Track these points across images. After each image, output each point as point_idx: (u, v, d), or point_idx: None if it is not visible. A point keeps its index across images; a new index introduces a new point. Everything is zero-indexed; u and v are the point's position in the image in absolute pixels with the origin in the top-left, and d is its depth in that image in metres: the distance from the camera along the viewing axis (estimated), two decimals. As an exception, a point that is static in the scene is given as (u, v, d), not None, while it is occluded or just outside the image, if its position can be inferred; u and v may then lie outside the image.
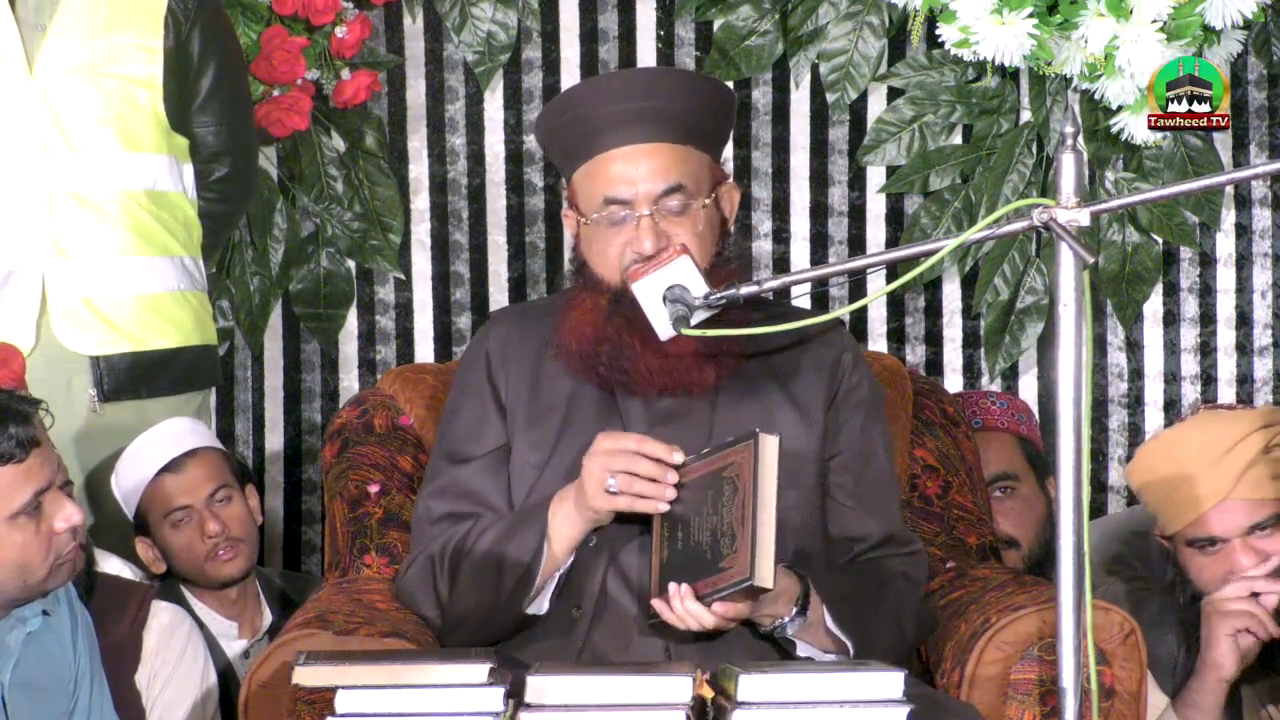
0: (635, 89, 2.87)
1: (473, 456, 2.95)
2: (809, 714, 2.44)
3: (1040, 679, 2.77)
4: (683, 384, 2.86)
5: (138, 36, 3.57)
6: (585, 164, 2.88)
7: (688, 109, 2.87)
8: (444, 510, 2.93)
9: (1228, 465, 3.02)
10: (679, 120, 2.86)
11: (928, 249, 2.73)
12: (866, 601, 2.81)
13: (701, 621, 2.65)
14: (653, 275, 2.78)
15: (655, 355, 2.84)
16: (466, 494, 2.92)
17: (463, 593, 2.85)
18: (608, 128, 2.85)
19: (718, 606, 2.64)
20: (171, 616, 3.20)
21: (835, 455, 2.93)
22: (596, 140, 2.86)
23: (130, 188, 3.57)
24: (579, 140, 2.88)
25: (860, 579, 2.85)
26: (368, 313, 4.29)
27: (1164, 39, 3.89)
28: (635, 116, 2.84)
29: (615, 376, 2.87)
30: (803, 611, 2.75)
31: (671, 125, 2.85)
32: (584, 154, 2.88)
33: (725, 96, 2.97)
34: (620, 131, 2.84)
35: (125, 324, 3.57)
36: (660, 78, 3.00)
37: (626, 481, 2.72)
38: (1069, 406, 2.56)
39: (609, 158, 2.85)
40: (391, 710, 2.44)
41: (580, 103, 2.89)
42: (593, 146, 2.86)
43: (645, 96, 2.86)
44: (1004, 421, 3.77)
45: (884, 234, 4.32)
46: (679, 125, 2.86)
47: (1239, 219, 4.33)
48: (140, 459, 3.54)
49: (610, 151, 2.85)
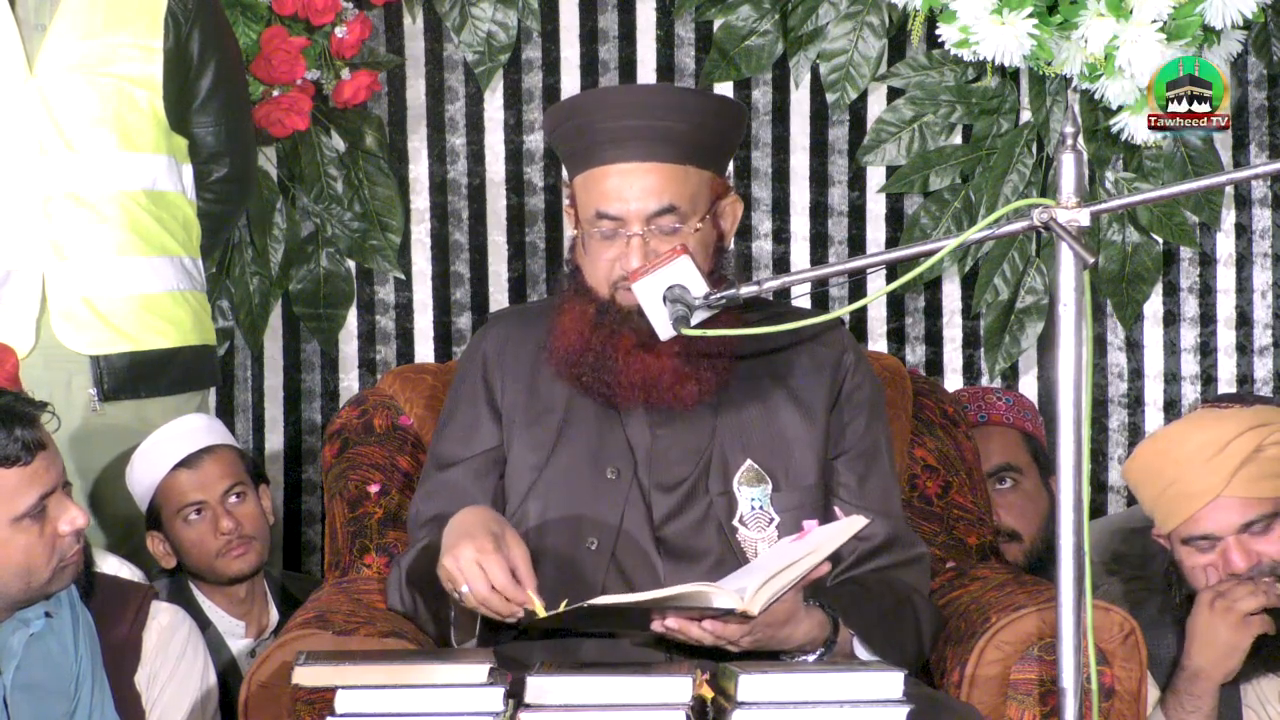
0: (641, 107, 2.86)
1: (460, 460, 2.96)
2: (809, 714, 2.44)
3: (1040, 679, 2.77)
4: (662, 399, 2.86)
5: (137, 37, 3.57)
6: (584, 173, 2.88)
7: (692, 129, 2.85)
8: (432, 512, 2.94)
9: (1221, 463, 3.03)
10: (681, 141, 2.85)
11: (928, 249, 2.73)
12: (891, 624, 2.82)
13: (688, 633, 2.64)
14: (653, 275, 2.78)
15: (638, 370, 2.84)
16: (453, 497, 2.93)
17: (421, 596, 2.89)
18: (608, 142, 2.84)
19: (707, 624, 2.62)
20: (171, 617, 3.20)
21: (839, 455, 2.93)
22: (596, 152, 2.85)
23: (129, 188, 3.57)
24: (580, 148, 2.88)
25: (881, 600, 2.84)
26: (368, 313, 4.29)
27: (1164, 39, 3.89)
28: (635, 134, 2.83)
29: (598, 388, 2.87)
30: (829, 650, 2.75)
31: (672, 145, 2.84)
32: (583, 162, 2.88)
33: (733, 113, 2.96)
34: (619, 148, 2.84)
35: (124, 324, 3.57)
36: (666, 96, 2.99)
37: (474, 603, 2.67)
38: (1069, 406, 2.56)
39: (605, 172, 2.85)
40: (391, 710, 2.44)
41: (586, 111, 2.88)
42: (592, 157, 2.86)
43: (650, 115, 2.84)
44: (1009, 417, 3.78)
45: (884, 234, 4.32)
46: (680, 146, 2.85)
47: (1239, 219, 4.33)
48: (157, 453, 3.56)
49: (606, 166, 2.84)
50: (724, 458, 2.88)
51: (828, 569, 2.68)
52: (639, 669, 2.59)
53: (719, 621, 2.60)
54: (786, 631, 2.69)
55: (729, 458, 2.88)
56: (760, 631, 2.65)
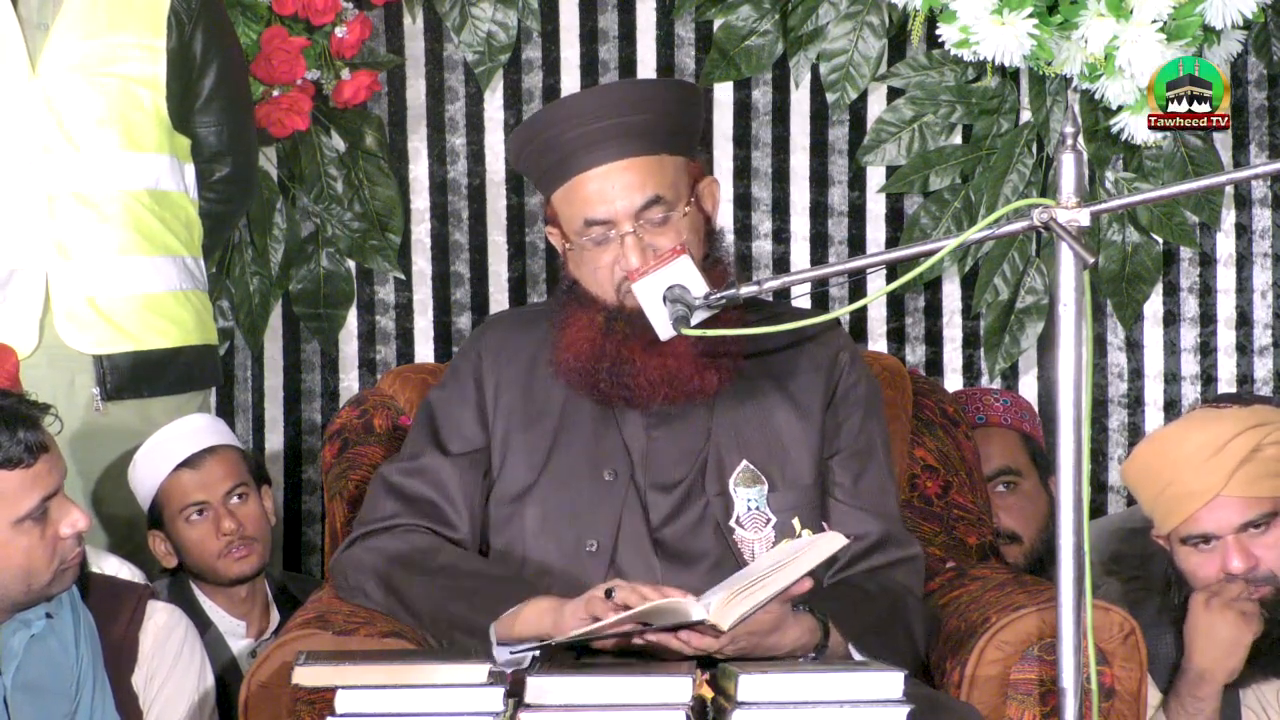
0: (600, 107, 2.86)
1: (446, 451, 2.96)
2: (809, 714, 2.44)
3: (1040, 679, 2.77)
4: (684, 392, 2.85)
5: (140, 36, 3.57)
6: (562, 187, 2.88)
7: (655, 117, 2.86)
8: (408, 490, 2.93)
9: (1219, 463, 3.03)
10: (649, 131, 2.85)
11: (928, 249, 2.73)
12: (884, 627, 2.81)
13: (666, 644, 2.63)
14: (653, 275, 2.78)
15: (656, 367, 2.84)
16: (434, 484, 2.93)
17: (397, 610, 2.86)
18: (580, 149, 2.84)
19: (682, 634, 2.61)
20: (168, 617, 3.19)
21: (834, 454, 2.94)
22: (570, 163, 2.86)
23: (132, 187, 3.57)
24: (552, 164, 2.88)
25: (874, 602, 2.84)
26: (368, 313, 4.29)
27: (1164, 39, 3.89)
28: (604, 135, 2.84)
29: (617, 392, 2.87)
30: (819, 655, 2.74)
31: (642, 137, 2.85)
32: (559, 177, 2.88)
33: (690, 95, 2.97)
34: (592, 152, 2.84)
35: (127, 323, 3.57)
36: (624, 91, 2.98)
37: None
38: (1069, 406, 2.56)
39: (584, 179, 2.85)
40: (391, 710, 2.44)
41: (549, 126, 2.88)
42: (567, 169, 2.86)
43: (611, 113, 2.85)
44: (1007, 418, 3.78)
45: (884, 234, 4.32)
46: (649, 136, 2.85)
47: (1239, 219, 4.33)
48: (159, 453, 3.56)
49: (585, 173, 2.85)
50: (720, 458, 2.88)
51: (809, 585, 2.66)
52: (639, 669, 2.59)
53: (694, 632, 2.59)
54: (773, 640, 2.68)
55: (725, 458, 2.88)
56: (744, 640, 2.64)
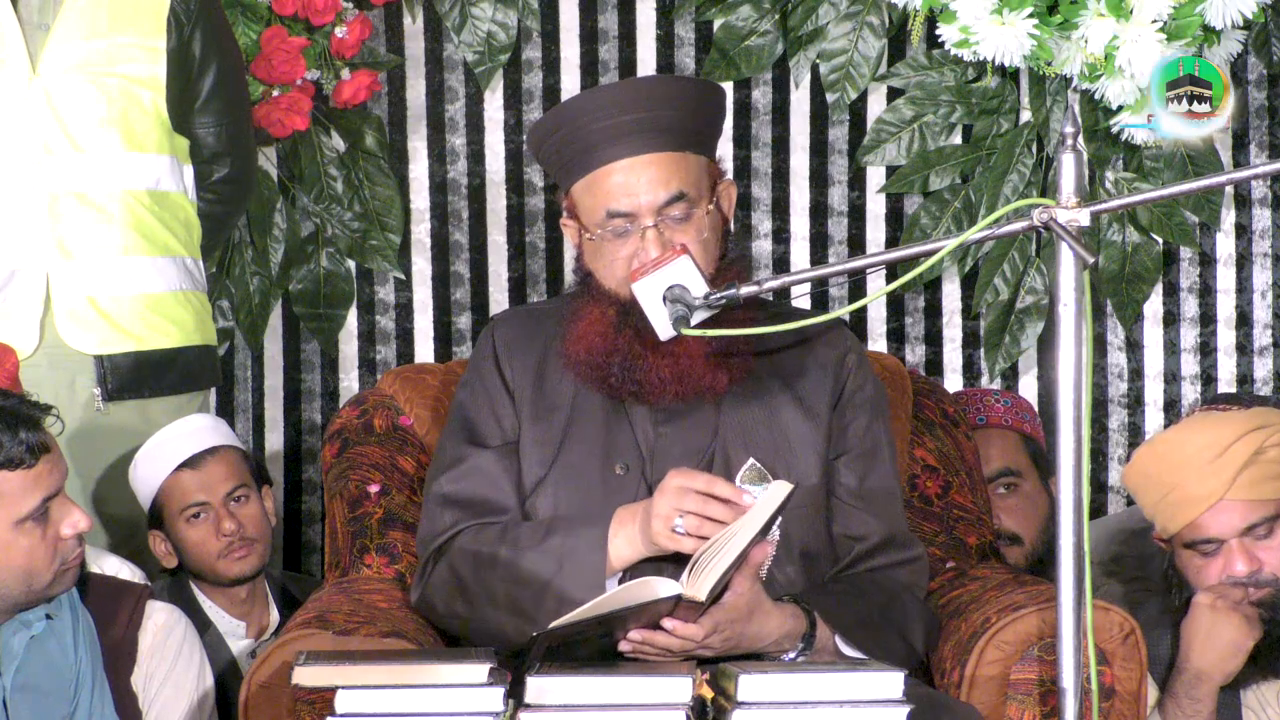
0: (629, 101, 2.86)
1: (490, 444, 2.94)
2: (809, 714, 2.44)
3: (1040, 679, 2.77)
4: (695, 390, 2.85)
5: (140, 36, 3.57)
6: (584, 178, 2.88)
7: (682, 115, 2.87)
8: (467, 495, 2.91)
9: (1222, 467, 3.03)
10: (675, 128, 2.85)
11: (928, 249, 2.73)
12: (875, 621, 2.81)
13: (654, 643, 2.63)
14: (653, 275, 2.78)
15: (668, 364, 2.84)
16: (486, 481, 2.91)
17: (489, 613, 2.82)
18: (605, 141, 2.84)
19: (667, 623, 2.61)
20: (167, 617, 3.19)
21: (840, 454, 2.94)
22: (594, 154, 2.85)
23: (133, 187, 3.58)
24: (576, 154, 2.88)
25: (867, 598, 2.84)
26: (368, 313, 4.29)
27: (1164, 39, 3.89)
28: (632, 128, 2.84)
29: (628, 387, 2.86)
30: (808, 646, 2.75)
31: (668, 134, 2.85)
32: (582, 168, 2.88)
33: (716, 96, 2.97)
34: (618, 144, 2.84)
35: (128, 323, 3.57)
36: (653, 87, 2.99)
37: (695, 524, 2.68)
38: (1069, 406, 2.56)
39: (609, 171, 2.85)
40: (391, 710, 2.44)
41: (575, 117, 2.88)
42: (591, 160, 2.86)
43: (640, 107, 2.85)
44: (1008, 419, 3.77)
45: (884, 234, 4.32)
46: (675, 133, 2.85)
47: (1239, 219, 4.33)
48: (160, 453, 3.56)
49: (610, 165, 2.85)
50: (726, 455, 2.88)
51: (770, 549, 2.66)
52: (639, 669, 2.59)
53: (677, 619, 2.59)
54: (755, 627, 2.69)
55: (731, 456, 2.88)
56: (726, 629, 2.64)
